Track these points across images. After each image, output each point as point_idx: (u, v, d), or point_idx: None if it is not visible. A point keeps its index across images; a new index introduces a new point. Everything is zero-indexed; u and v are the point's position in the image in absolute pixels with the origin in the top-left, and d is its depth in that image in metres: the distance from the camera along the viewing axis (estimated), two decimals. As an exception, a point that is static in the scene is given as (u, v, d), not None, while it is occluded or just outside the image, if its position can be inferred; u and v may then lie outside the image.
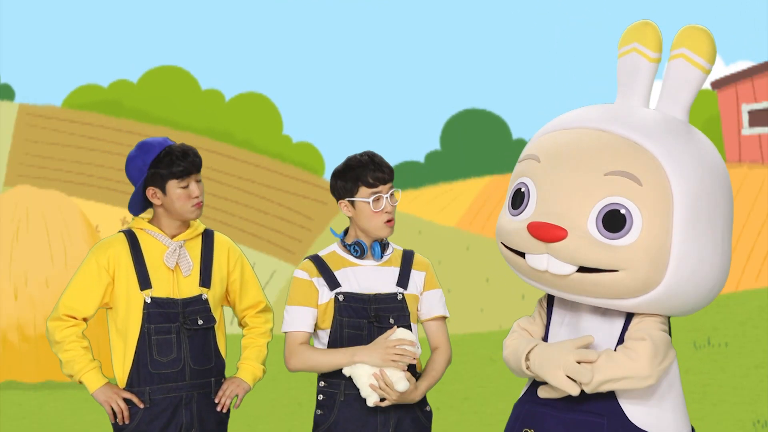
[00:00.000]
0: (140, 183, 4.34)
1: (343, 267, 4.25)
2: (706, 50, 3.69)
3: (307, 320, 4.26)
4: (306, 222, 24.67)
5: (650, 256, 3.52)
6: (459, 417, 9.24)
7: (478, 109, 31.55)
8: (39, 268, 12.29)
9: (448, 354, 4.30)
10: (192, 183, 4.34)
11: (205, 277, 4.39)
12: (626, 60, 3.79)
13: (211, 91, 27.96)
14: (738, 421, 8.56)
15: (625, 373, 3.59)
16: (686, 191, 3.56)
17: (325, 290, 4.24)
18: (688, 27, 3.72)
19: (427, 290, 4.28)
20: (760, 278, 20.25)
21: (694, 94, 3.73)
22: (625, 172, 3.54)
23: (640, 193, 3.52)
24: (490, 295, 20.94)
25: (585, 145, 3.62)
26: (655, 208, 3.52)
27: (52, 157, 25.59)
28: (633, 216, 3.52)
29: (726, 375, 9.98)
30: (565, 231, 3.54)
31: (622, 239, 3.53)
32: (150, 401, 4.30)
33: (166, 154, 4.33)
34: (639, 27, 3.79)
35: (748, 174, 22.68)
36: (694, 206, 3.56)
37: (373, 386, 4.10)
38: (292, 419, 9.49)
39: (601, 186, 3.55)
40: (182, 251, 4.35)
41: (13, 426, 10.13)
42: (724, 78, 23.69)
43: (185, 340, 4.33)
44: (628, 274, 3.53)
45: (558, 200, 3.59)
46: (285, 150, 27.37)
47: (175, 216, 4.37)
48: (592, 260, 3.54)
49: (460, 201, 25.47)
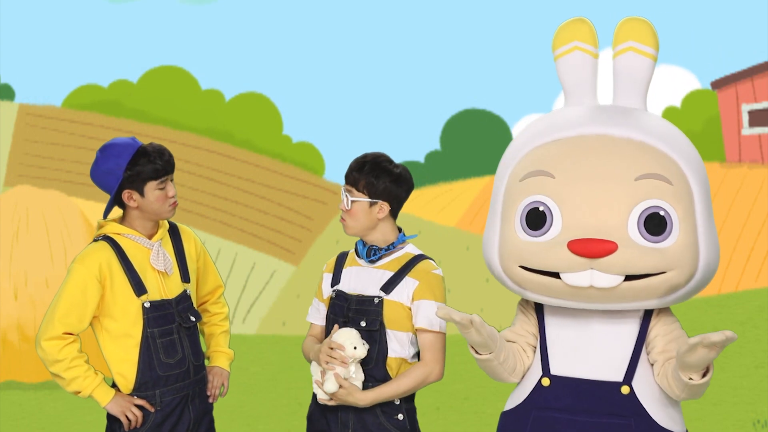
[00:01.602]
0: (115, 187, 4.26)
1: (350, 266, 4.27)
2: (651, 39, 3.70)
3: (316, 313, 4.36)
4: (306, 222, 24.65)
5: (692, 251, 3.55)
6: (459, 417, 9.23)
7: (478, 109, 31.54)
8: (39, 268, 12.28)
9: (425, 370, 4.16)
10: (168, 183, 4.30)
11: (184, 272, 4.37)
12: (569, 59, 3.77)
13: (211, 91, 27.94)
14: (738, 421, 8.55)
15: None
16: (699, 186, 3.61)
17: (328, 286, 4.29)
18: (629, 19, 3.74)
19: (416, 299, 4.19)
20: (760, 278, 20.23)
21: (649, 83, 3.75)
22: (655, 173, 3.53)
23: (672, 192, 3.54)
24: (490, 295, 20.91)
25: (600, 151, 3.58)
26: (685, 204, 3.55)
27: (52, 157, 25.58)
28: (671, 216, 3.53)
29: (726, 375, 9.96)
30: (614, 244, 3.49)
31: (666, 241, 3.53)
32: (161, 403, 4.30)
33: (141, 155, 4.26)
34: (576, 25, 3.77)
35: (748, 174, 22.67)
36: (706, 199, 3.63)
37: (317, 382, 4.16)
38: (292, 419, 9.49)
39: (635, 191, 3.52)
40: (163, 251, 4.32)
41: (13, 426, 10.12)
42: (724, 78, 23.68)
43: (185, 338, 4.34)
44: (677, 272, 3.55)
45: (591, 213, 3.53)
46: (285, 150, 27.35)
47: (150, 217, 4.31)
48: (643, 267, 3.52)
49: (460, 201, 25.46)
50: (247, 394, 10.50)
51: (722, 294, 14.54)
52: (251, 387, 10.78)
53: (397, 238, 4.24)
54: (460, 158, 30.10)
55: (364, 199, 4.16)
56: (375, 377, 4.16)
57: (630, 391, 3.63)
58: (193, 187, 24.64)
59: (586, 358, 3.68)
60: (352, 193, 4.17)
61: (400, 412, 4.19)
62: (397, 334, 4.17)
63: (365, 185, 4.16)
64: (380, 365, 4.16)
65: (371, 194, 4.16)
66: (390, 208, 4.19)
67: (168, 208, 4.29)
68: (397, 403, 4.18)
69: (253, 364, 11.87)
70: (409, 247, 4.26)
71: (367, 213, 4.17)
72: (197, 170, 25.01)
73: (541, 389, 3.73)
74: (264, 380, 11.42)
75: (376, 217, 4.19)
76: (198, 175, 24.94)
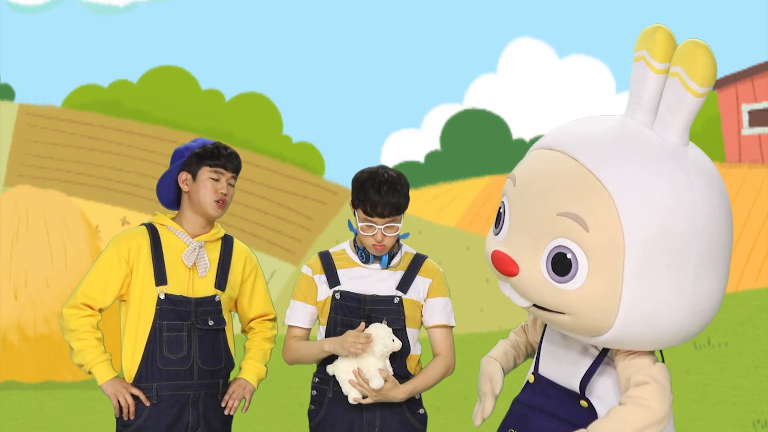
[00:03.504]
0: (177, 165, 4.32)
1: (348, 267, 4.26)
2: (701, 73, 3.41)
3: (303, 316, 4.31)
4: (306, 222, 24.65)
5: (592, 305, 3.34)
6: (459, 417, 9.23)
7: (478, 109, 31.55)
8: (39, 268, 12.28)
9: (447, 363, 4.27)
10: (224, 179, 4.35)
11: (221, 280, 4.38)
12: (636, 67, 3.52)
13: (211, 91, 27.95)
14: (738, 421, 8.55)
15: (644, 423, 3.40)
16: (643, 237, 3.30)
17: (325, 287, 4.27)
18: (689, 42, 3.41)
19: (431, 297, 4.25)
20: (760, 278, 20.23)
21: (690, 118, 3.47)
22: (574, 214, 3.33)
23: (586, 238, 3.32)
24: (490, 295, 20.90)
25: (549, 175, 3.42)
26: (602, 256, 3.31)
27: (52, 157, 25.57)
28: (579, 261, 3.33)
29: (726, 375, 9.97)
30: (517, 268, 3.42)
31: (568, 284, 3.36)
32: (157, 397, 4.30)
33: (211, 146, 4.35)
34: (649, 32, 3.48)
35: (748, 174, 22.68)
36: (654, 252, 3.31)
37: (352, 381, 4.14)
38: (292, 419, 9.49)
39: (553, 225, 3.37)
40: (201, 251, 4.34)
41: (13, 426, 10.12)
42: (724, 78, 23.69)
43: (195, 339, 4.33)
44: (572, 318, 3.40)
45: (521, 231, 3.46)
46: (285, 150, 27.35)
47: (197, 209, 4.35)
48: (540, 300, 3.43)
49: (460, 201, 25.46)
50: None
51: (722, 294, 14.53)
52: (251, 387, 10.76)
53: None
54: (460, 158, 30.12)
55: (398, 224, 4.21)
56: (400, 374, 4.21)
57: (588, 406, 3.55)
58: (193, 187, 24.63)
59: (560, 363, 3.66)
60: (397, 220, 4.18)
61: (421, 407, 4.27)
62: (413, 332, 4.25)
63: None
64: (403, 362, 4.23)
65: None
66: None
67: (213, 203, 4.34)
68: (418, 398, 4.24)
69: (253, 364, 11.85)
70: (404, 246, 4.30)
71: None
72: (197, 170, 25.01)
73: (528, 385, 3.76)
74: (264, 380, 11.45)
75: None
76: (198, 175, 24.94)
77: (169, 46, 33.81)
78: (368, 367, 4.11)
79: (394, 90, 35.42)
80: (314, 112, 34.43)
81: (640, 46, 3.49)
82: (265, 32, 35.09)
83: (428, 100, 33.92)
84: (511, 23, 35.92)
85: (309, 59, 35.25)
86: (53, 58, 33.19)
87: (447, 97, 34.55)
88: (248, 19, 34.97)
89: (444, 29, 35.59)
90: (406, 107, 35.39)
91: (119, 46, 32.99)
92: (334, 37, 35.87)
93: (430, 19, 35.50)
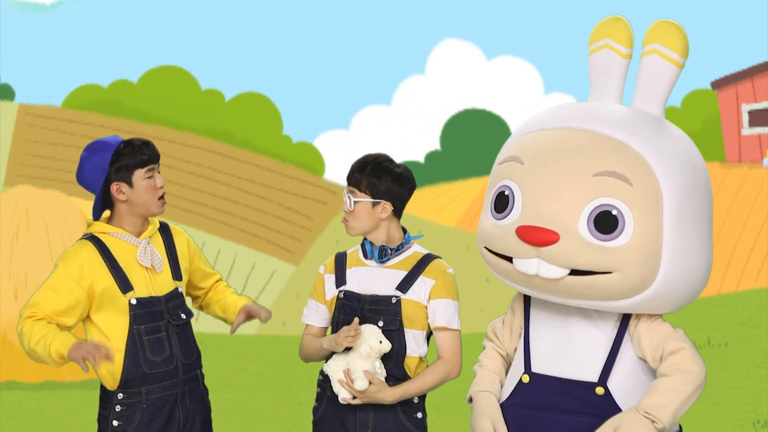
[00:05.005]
0: (102, 182, 4.26)
1: (356, 266, 4.26)
2: (678, 44, 3.63)
3: (315, 315, 4.33)
4: (306, 222, 24.65)
5: (643, 257, 3.47)
6: (459, 417, 9.22)
7: (478, 109, 31.55)
8: (39, 268, 12.27)
9: (447, 367, 4.22)
10: (156, 173, 4.29)
11: (176, 270, 4.35)
12: (598, 57, 3.72)
13: (211, 91, 27.95)
14: (738, 421, 8.54)
15: (692, 388, 3.59)
16: (674, 189, 3.50)
17: (332, 287, 4.27)
18: (660, 22, 3.67)
19: (433, 299, 4.21)
20: (760, 278, 20.24)
21: (669, 89, 3.68)
22: (614, 172, 3.47)
23: (630, 193, 3.46)
24: (490, 295, 20.90)
25: (570, 145, 3.55)
26: (646, 207, 3.46)
27: (52, 157, 25.57)
28: (625, 217, 3.46)
29: (726, 375, 9.96)
30: (556, 234, 3.48)
31: (614, 240, 3.46)
32: (147, 401, 4.28)
33: (126, 146, 4.26)
34: (610, 23, 3.72)
35: (748, 174, 22.68)
36: (682, 204, 3.51)
37: (341, 381, 4.13)
38: (292, 419, 9.48)
39: (591, 187, 3.47)
40: (151, 248, 4.29)
41: (13, 426, 10.12)
42: (724, 78, 23.68)
43: (174, 335, 4.31)
44: (622, 275, 3.48)
45: (547, 203, 3.51)
46: (285, 150, 27.36)
47: (139, 211, 4.27)
48: (585, 263, 3.48)
49: (460, 201, 25.47)
50: (247, 394, 10.49)
51: (722, 294, 14.55)
52: (251, 387, 10.77)
53: (404, 238, 4.25)
54: (460, 158, 30.12)
55: (366, 200, 4.17)
56: (395, 376, 4.17)
57: (605, 392, 3.60)
58: (193, 187, 24.64)
59: (564, 357, 3.68)
60: (355, 194, 4.17)
61: (419, 411, 4.23)
62: (414, 333, 4.21)
63: (367, 185, 4.17)
64: (399, 364, 4.18)
65: (374, 194, 4.17)
66: (393, 207, 4.20)
67: (157, 202, 4.27)
68: (416, 402, 4.20)
69: (253, 364, 11.86)
70: (416, 247, 4.28)
71: (369, 213, 4.18)
72: (197, 170, 25.00)
73: (522, 386, 3.75)
74: (264, 380, 11.40)
75: (379, 218, 4.20)
76: (198, 175, 24.94)
77: (169, 45, 33.82)
78: (355, 367, 4.11)
79: (321, 92, 35.43)
80: (314, 112, 34.51)
81: (599, 36, 3.71)
82: (265, 32, 35.09)
83: (356, 102, 33.94)
84: (438, 24, 35.85)
85: (309, 59, 35.25)
86: (53, 58, 33.20)
87: (375, 99, 34.51)
88: (248, 19, 34.97)
89: (371, 31, 35.60)
90: (333, 109, 35.37)
91: (119, 46, 32.99)
92: (334, 38, 35.90)
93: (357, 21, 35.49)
